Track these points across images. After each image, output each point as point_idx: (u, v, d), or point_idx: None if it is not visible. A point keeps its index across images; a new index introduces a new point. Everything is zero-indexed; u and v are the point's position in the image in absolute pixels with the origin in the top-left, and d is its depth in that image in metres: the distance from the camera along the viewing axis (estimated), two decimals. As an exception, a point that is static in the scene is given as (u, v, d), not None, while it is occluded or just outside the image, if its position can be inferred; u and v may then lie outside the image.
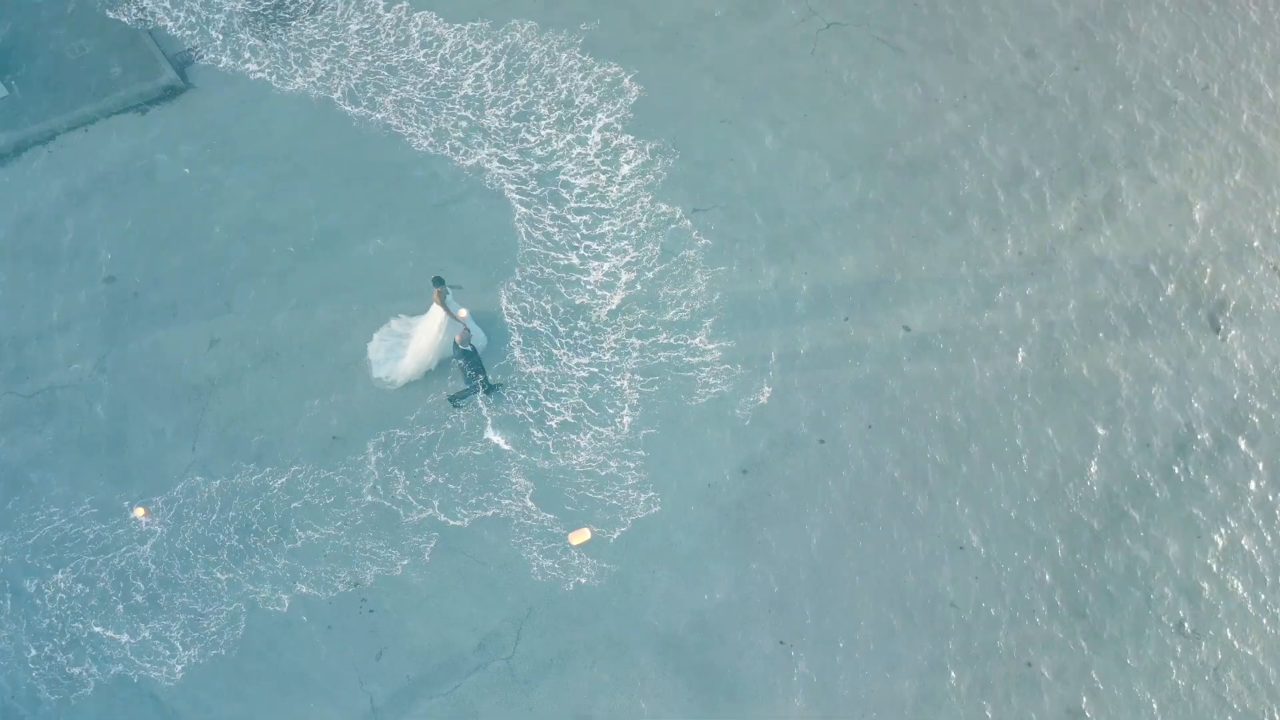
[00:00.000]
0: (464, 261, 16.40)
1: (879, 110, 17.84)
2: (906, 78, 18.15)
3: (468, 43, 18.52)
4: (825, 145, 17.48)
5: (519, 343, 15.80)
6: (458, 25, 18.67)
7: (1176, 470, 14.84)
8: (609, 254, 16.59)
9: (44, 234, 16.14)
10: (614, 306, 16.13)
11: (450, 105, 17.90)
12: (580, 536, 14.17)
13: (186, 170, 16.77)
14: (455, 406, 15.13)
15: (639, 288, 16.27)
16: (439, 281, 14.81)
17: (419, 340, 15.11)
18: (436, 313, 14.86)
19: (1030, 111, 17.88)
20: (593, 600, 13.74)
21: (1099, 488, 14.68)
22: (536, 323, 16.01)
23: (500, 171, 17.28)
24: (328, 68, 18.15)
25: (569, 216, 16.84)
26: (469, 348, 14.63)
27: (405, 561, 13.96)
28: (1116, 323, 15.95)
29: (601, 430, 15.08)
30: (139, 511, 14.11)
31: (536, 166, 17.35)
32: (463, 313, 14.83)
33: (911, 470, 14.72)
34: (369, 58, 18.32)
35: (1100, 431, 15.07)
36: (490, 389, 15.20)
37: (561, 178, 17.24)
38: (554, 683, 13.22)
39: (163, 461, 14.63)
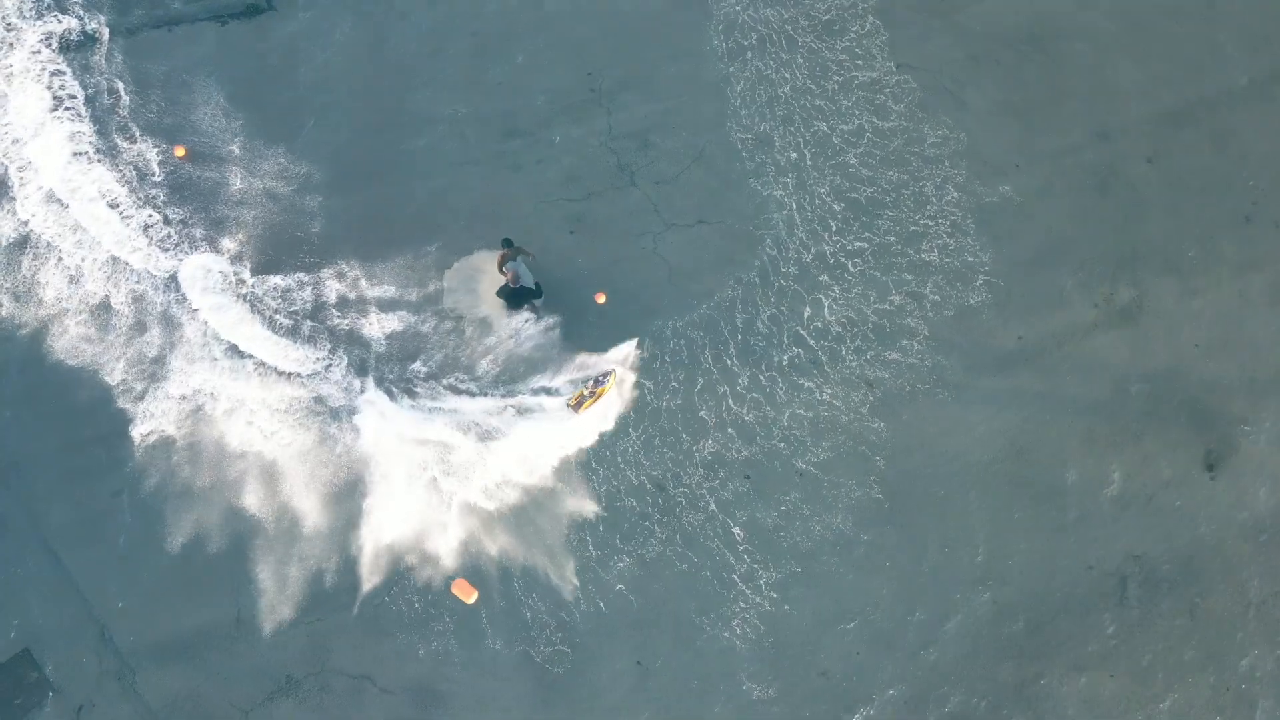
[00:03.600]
0: (647, 270, 14.37)
1: (922, 162, 17.06)
2: (962, 132, 17.27)
3: (887, 90, 15.18)
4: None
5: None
6: (903, 64, 15.65)
7: (1110, 603, 13.81)
8: (782, 408, 13.94)
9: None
10: (730, 457, 13.89)
11: (805, 128, 14.66)
12: (466, 592, 13.24)
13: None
14: (513, 308, 14.59)
15: (774, 466, 13.97)
16: (507, 243, 14.44)
17: (485, 285, 15.23)
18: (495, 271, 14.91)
19: (1083, 195, 16.74)
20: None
21: (1022, 596, 13.83)
22: (648, 386, 13.89)
23: (778, 228, 14.37)
24: None
25: (786, 335, 14.07)
26: (518, 286, 14.14)
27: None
28: (1102, 434, 14.87)
29: (590, 548, 13.44)
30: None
31: (811, 260, 14.45)
32: (600, 297, 13.94)
33: (830, 530, 14.19)
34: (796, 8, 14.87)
35: (1044, 539, 14.15)
36: (535, 294, 14.19)
37: (820, 295, 14.33)
38: (408, 641, 13.53)
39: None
